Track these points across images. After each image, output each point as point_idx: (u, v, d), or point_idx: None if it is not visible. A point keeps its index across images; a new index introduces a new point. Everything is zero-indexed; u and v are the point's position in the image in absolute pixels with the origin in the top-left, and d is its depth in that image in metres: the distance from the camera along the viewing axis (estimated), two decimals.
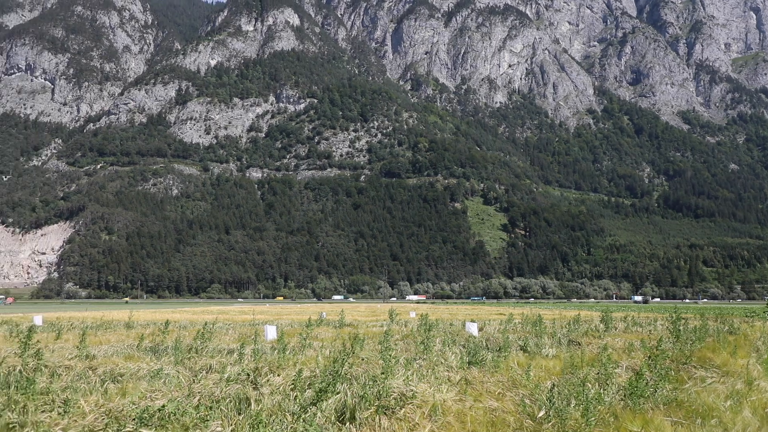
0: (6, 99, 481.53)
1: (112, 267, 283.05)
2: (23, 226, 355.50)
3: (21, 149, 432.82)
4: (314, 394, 8.48)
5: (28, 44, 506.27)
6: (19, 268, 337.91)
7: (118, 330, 27.11)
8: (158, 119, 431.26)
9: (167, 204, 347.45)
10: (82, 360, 13.69)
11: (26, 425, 7.23)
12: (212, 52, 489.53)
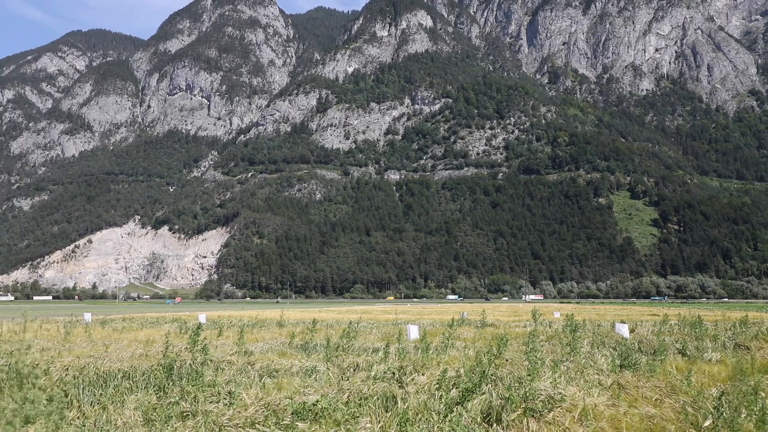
0: (170, 117, 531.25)
1: (264, 269, 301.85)
2: (187, 232, 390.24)
3: (183, 162, 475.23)
4: (459, 394, 8.49)
5: (188, 66, 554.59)
6: (185, 271, 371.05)
7: (271, 328, 28.82)
8: (301, 127, 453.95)
9: (311, 208, 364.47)
10: (241, 356, 14.72)
11: (197, 414, 7.93)
12: (349, 59, 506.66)
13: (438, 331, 24.01)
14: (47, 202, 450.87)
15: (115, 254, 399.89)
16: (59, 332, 24.36)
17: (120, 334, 24.66)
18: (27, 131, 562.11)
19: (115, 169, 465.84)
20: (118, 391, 10.04)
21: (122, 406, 8.65)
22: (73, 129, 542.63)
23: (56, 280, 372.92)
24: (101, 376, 11.55)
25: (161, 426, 7.03)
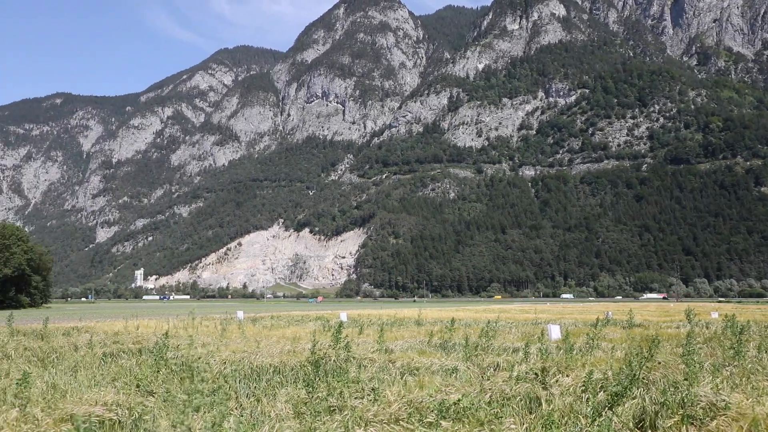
0: (308, 124, 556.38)
1: (400, 268, 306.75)
2: (326, 233, 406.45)
3: (321, 166, 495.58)
4: (608, 398, 8.08)
5: (323, 74, 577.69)
6: (325, 271, 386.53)
7: (410, 327, 29.20)
8: (433, 127, 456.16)
9: (445, 207, 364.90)
10: (381, 353, 15.05)
11: (344, 409, 8.22)
12: (479, 56, 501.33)
13: (581, 331, 23.06)
14: (202, 208, 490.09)
15: (262, 256, 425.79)
16: (216, 329, 26.32)
17: (269, 331, 26.16)
18: (184, 144, 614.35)
19: (260, 176, 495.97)
20: (270, 385, 10.64)
21: (274, 399, 9.16)
22: (222, 140, 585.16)
23: (212, 280, 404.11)
24: (255, 371, 12.32)
25: (311, 420, 7.36)
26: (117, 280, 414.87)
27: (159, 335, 16.65)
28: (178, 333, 23.40)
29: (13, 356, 14.87)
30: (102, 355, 14.95)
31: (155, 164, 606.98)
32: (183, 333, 23.71)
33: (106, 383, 10.35)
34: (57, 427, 6.83)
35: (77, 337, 20.60)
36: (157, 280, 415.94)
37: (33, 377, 9.34)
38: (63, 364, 13.19)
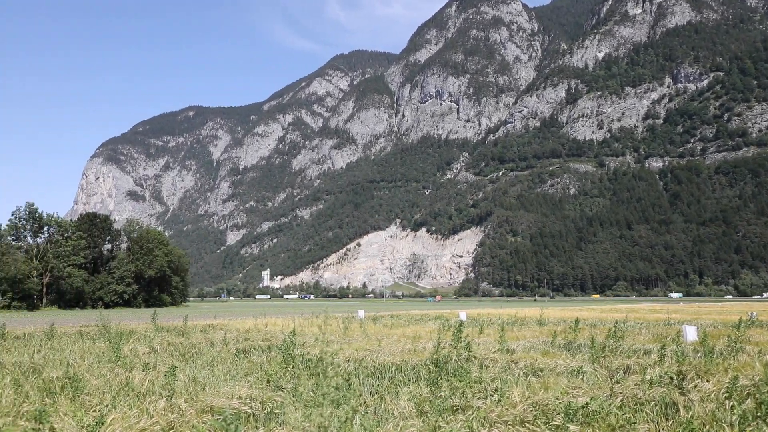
0: (422, 124, 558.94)
1: (519, 267, 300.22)
2: (443, 232, 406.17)
3: (437, 166, 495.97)
4: (756, 405, 7.43)
5: (436, 73, 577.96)
6: (443, 270, 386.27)
7: (531, 327, 28.50)
8: (550, 121, 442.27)
9: (565, 203, 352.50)
10: (503, 353, 14.79)
11: (467, 409, 8.16)
12: (599, 44, 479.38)
13: (720, 333, 21.41)
14: (322, 210, 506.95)
15: (380, 256, 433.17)
16: (339, 327, 27.09)
17: (389, 330, 26.53)
18: (304, 149, 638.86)
19: (376, 177, 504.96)
20: (392, 383, 10.78)
21: (397, 397, 9.26)
22: (340, 143, 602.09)
23: (332, 280, 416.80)
24: (377, 368, 12.53)
25: (434, 418, 7.36)
26: (246, 280, 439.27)
27: (286, 333, 17.39)
28: (304, 331, 24.34)
29: (159, 351, 16.14)
30: (235, 351, 15.86)
31: (278, 169, 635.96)
32: (308, 331, 24.63)
33: (240, 378, 10.95)
34: (199, 418, 7.33)
35: (213, 334, 22.00)
36: (282, 280, 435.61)
37: (177, 371, 10.08)
38: (201, 358, 14.13)
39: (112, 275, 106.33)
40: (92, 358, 13.65)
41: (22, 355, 14.41)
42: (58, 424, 6.60)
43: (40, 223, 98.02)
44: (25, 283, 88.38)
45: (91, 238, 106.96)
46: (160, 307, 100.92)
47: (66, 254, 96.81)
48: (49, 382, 9.91)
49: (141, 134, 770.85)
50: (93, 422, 5.86)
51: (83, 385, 9.45)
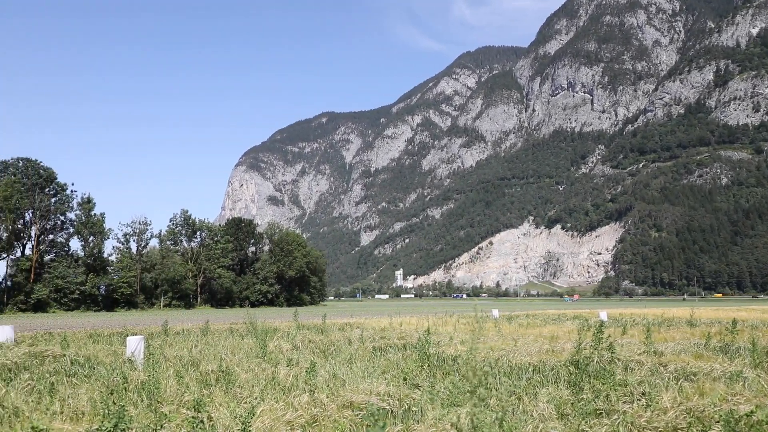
0: (554, 117, 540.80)
1: (665, 264, 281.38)
2: (579, 229, 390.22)
3: (571, 160, 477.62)
4: None
5: (567, 64, 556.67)
6: (580, 268, 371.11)
7: (681, 327, 26.59)
8: (696, 107, 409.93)
9: (717, 194, 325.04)
10: (650, 355, 13.91)
11: (611, 413, 7.75)
12: (752, 19, 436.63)
13: None
14: (453, 209, 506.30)
15: (513, 254, 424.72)
16: (473, 326, 26.90)
17: (525, 329, 25.94)
18: (433, 149, 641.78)
19: (507, 174, 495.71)
20: (530, 384, 10.50)
21: (535, 399, 9.01)
22: (469, 142, 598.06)
23: (465, 279, 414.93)
24: (513, 368, 12.28)
25: (577, 422, 7.07)
26: (380, 280, 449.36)
27: (420, 332, 17.54)
28: (438, 330, 24.44)
29: (301, 347, 16.93)
30: (372, 349, 16.25)
31: (408, 170, 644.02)
32: (442, 330, 24.70)
33: (377, 375, 11.19)
34: (340, 413, 7.60)
35: (350, 332, 22.71)
36: (415, 279, 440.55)
37: (317, 367, 10.51)
38: (340, 356, 14.63)
39: (257, 276, 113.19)
40: (241, 354, 14.59)
41: (182, 349, 15.72)
42: (214, 413, 7.14)
43: (193, 228, 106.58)
44: (182, 283, 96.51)
45: (237, 241, 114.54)
46: (300, 306, 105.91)
47: (216, 257, 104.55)
48: (206, 375, 10.73)
49: (279, 142, 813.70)
50: (244, 413, 6.25)
51: (234, 378, 10.14)
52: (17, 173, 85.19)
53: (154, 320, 41.04)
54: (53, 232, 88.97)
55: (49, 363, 12.88)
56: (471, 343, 17.08)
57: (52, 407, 8.02)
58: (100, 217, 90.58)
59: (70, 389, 9.41)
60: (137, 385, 9.28)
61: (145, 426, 6.20)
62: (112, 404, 5.66)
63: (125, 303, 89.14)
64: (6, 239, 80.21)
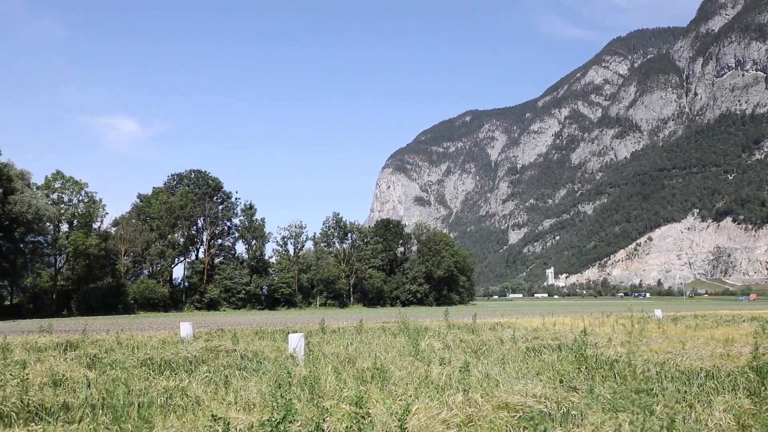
0: (720, 100, 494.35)
1: None
2: (754, 222, 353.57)
3: (741, 146, 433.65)
4: None
5: (735, 41, 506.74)
6: (757, 264, 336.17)
7: None
8: None
9: None
10: None
11: None
12: None
13: None
14: (606, 204, 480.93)
15: (676, 250, 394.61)
16: (634, 327, 25.36)
17: (693, 331, 24.01)
18: (583, 142, 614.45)
19: (666, 165, 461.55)
20: (702, 390, 9.70)
21: (710, 407, 8.29)
22: (622, 132, 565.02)
23: (622, 277, 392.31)
24: (682, 373, 11.40)
25: None
26: (530, 279, 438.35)
27: (576, 332, 16.86)
28: (595, 331, 23.35)
29: (452, 347, 16.97)
30: (525, 349, 15.88)
31: (556, 165, 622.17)
32: (599, 331, 23.56)
33: (531, 376, 10.91)
34: (495, 413, 7.49)
35: (501, 332, 22.39)
36: (567, 278, 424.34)
37: (470, 366, 10.47)
38: (492, 356, 14.46)
39: (406, 276, 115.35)
40: (394, 352, 14.93)
41: (338, 346, 16.41)
42: (372, 409, 7.36)
43: (344, 231, 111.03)
44: (336, 283, 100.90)
45: (386, 242, 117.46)
46: (450, 305, 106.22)
47: (367, 257, 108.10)
48: (361, 372, 11.11)
49: (423, 143, 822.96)
50: (400, 410, 6.38)
51: (389, 376, 10.39)
52: (190, 184, 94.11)
53: (312, 318, 43.27)
54: (221, 236, 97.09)
55: (222, 357, 14.04)
56: (630, 345, 16.13)
57: (227, 398, 8.73)
58: (261, 222, 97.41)
59: (242, 382, 10.18)
60: (300, 380, 9.83)
61: (309, 419, 6.55)
62: (280, 397, 6.07)
63: (285, 302, 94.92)
64: (183, 244, 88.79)
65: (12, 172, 63.84)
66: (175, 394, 9.02)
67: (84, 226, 73.27)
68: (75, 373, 11.20)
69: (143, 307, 78.20)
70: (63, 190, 73.36)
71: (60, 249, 72.72)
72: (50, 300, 72.62)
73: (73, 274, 75.22)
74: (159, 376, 11.00)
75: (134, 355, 13.93)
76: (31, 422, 7.46)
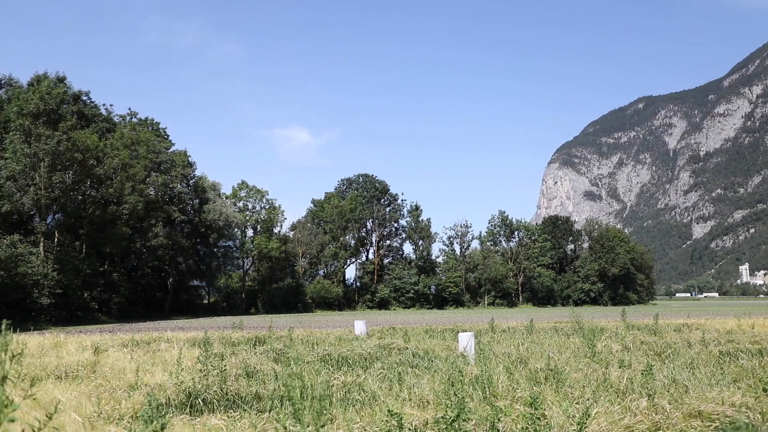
0: None
1: None
2: None
3: None
4: None
5: None
6: None
7: None
8: None
9: None
10: None
11: None
12: None
13: None
14: None
15: None
16: None
17: None
18: None
19: None
20: None
21: None
22: None
23: None
24: None
25: None
26: (720, 276, 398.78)
27: None
28: None
29: (632, 349, 15.93)
30: (717, 353, 14.45)
31: (748, 150, 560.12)
32: None
33: (727, 383, 9.89)
34: (686, 422, 6.86)
35: (688, 334, 20.62)
36: (766, 275, 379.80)
37: (653, 370, 9.74)
38: (678, 359, 13.34)
39: (577, 274, 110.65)
40: (568, 353, 14.34)
41: (509, 346, 16.13)
42: (547, 411, 7.12)
43: (511, 229, 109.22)
44: (503, 282, 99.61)
45: (555, 239, 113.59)
46: (627, 304, 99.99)
47: (535, 255, 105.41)
48: (534, 373, 10.80)
49: (591, 135, 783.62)
50: (578, 414, 6.10)
51: (564, 378, 9.99)
52: (359, 188, 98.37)
53: (480, 318, 43.06)
54: (389, 237, 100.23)
55: (395, 354, 14.45)
56: None
57: (402, 394, 8.95)
58: (427, 223, 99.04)
59: (414, 379, 10.39)
60: (471, 379, 9.80)
61: (483, 418, 6.49)
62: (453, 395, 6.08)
63: (453, 301, 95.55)
64: (354, 246, 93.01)
65: (205, 184, 71.22)
66: (352, 389, 9.42)
67: (266, 230, 79.62)
68: (264, 366, 12.17)
69: (320, 305, 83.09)
70: (248, 198, 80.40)
71: (246, 252, 79.69)
72: (240, 299, 79.76)
73: (258, 275, 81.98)
74: (337, 372, 11.59)
75: (314, 351, 14.81)
76: (229, 409, 8.22)
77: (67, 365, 13.52)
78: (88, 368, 13.07)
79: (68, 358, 15.60)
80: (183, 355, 11.52)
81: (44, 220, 49.01)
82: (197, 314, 65.59)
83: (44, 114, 47.19)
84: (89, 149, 49.73)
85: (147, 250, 61.00)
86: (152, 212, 59.84)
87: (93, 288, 52.20)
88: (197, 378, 9.44)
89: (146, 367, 12.96)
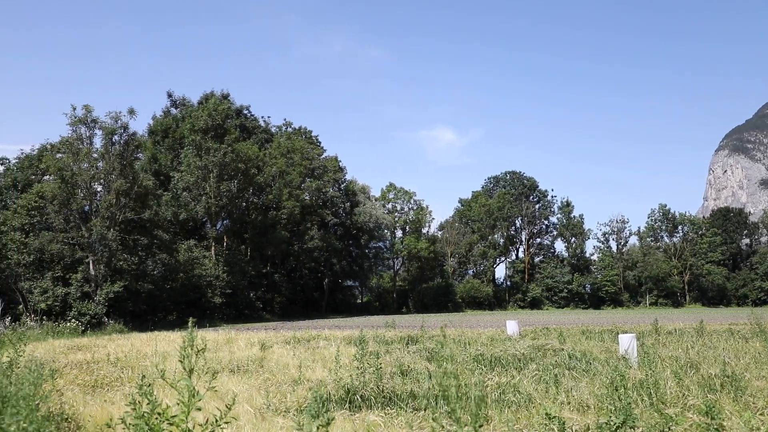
0: None
1: None
2: None
3: None
4: None
5: None
6: None
7: None
8: None
9: None
10: None
11: None
12: None
13: None
14: None
15: None
16: None
17: None
18: None
19: None
20: None
21: None
22: None
23: None
24: None
25: None
26: None
27: None
28: None
29: None
30: None
31: None
32: None
33: None
34: None
35: None
36: None
37: None
38: None
39: (755, 271, 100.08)
40: (747, 358, 13.01)
41: (677, 349, 14.96)
42: (725, 422, 6.49)
43: (674, 223, 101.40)
44: (667, 281, 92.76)
45: (727, 233, 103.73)
46: None
47: (702, 251, 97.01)
48: (708, 379, 9.91)
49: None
50: (763, 427, 5.49)
51: (744, 386, 9.06)
52: (506, 185, 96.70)
53: (641, 318, 40.45)
54: (539, 235, 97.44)
55: (550, 356, 13.98)
56: None
57: (559, 397, 8.63)
58: (579, 219, 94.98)
59: (572, 382, 9.97)
60: (635, 384, 9.21)
61: (652, 426, 6.06)
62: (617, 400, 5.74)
63: (610, 301, 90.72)
64: (503, 244, 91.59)
65: (356, 188, 73.90)
66: (507, 390, 9.25)
67: (415, 231, 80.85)
68: (417, 365, 12.35)
69: (470, 305, 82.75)
70: (396, 199, 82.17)
71: (396, 253, 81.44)
72: (391, 298, 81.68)
73: (408, 275, 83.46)
74: (491, 372, 11.45)
75: (466, 351, 14.76)
76: (386, 406, 8.44)
77: (239, 360, 14.70)
78: (257, 363, 14.10)
79: (239, 353, 16.93)
80: (340, 353, 12.02)
81: (214, 226, 53.63)
82: (351, 313, 68.23)
83: (212, 129, 51.68)
84: (251, 159, 53.66)
85: (304, 252, 64.49)
86: (307, 216, 63.24)
87: (257, 288, 56.24)
88: (355, 375, 9.81)
89: (307, 363, 13.71)
